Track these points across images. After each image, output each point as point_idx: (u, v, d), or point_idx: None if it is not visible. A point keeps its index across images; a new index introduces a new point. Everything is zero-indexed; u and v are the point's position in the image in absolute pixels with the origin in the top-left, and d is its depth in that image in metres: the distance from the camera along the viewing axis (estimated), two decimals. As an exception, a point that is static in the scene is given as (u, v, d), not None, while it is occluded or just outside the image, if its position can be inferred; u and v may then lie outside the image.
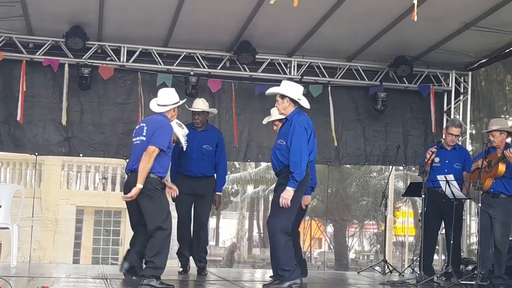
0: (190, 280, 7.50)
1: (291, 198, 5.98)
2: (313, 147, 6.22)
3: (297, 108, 6.24)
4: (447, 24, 8.53)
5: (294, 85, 6.36)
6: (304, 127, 6.10)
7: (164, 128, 6.14)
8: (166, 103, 6.32)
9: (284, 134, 6.20)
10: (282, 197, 5.98)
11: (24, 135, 9.21)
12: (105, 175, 22.28)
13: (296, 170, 5.99)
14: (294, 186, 5.98)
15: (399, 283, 7.54)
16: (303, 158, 6.02)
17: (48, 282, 6.56)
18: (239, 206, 33.72)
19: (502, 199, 7.29)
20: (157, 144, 6.04)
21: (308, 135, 6.12)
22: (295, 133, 6.05)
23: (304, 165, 6.03)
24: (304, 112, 6.28)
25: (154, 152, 6.00)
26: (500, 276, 7.27)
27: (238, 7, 8.13)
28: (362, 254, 34.99)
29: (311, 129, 6.18)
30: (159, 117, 6.31)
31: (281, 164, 6.19)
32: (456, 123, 8.16)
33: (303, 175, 6.02)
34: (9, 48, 9.00)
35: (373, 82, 9.93)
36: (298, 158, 6.00)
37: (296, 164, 6.00)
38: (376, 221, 30.08)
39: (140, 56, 9.33)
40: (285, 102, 6.22)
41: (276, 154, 6.24)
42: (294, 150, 6.02)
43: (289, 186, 5.98)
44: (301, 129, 6.07)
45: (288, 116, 6.23)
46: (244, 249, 33.50)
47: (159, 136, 6.07)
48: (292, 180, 5.98)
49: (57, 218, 21.02)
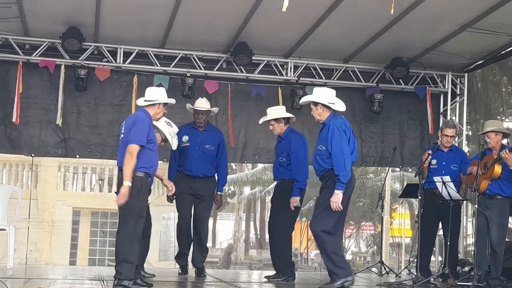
0: (187, 281, 7.50)
1: (341, 201, 6.07)
2: (354, 147, 6.30)
3: (333, 112, 6.33)
4: (443, 26, 8.55)
5: (325, 90, 6.47)
6: (343, 129, 6.20)
7: (138, 124, 6.10)
8: (151, 98, 6.32)
9: (323, 139, 6.28)
10: (333, 201, 6.06)
11: (21, 136, 9.20)
12: (102, 177, 22.25)
13: (341, 172, 6.08)
14: (342, 188, 6.08)
15: (396, 284, 7.53)
16: (346, 159, 6.12)
17: (44, 283, 6.56)
18: (236, 208, 33.70)
19: (498, 200, 7.30)
20: (134, 141, 6.01)
21: (347, 137, 6.21)
22: (335, 136, 6.15)
23: (348, 166, 6.13)
24: (340, 115, 6.37)
25: (134, 150, 5.98)
26: (496, 277, 7.27)
27: (234, 8, 8.14)
28: (358, 255, 34.97)
29: (349, 131, 6.28)
30: (137, 112, 6.34)
31: (323, 169, 6.29)
32: (450, 124, 8.18)
33: (348, 176, 6.12)
34: (5, 49, 9.00)
35: (369, 83, 9.95)
36: (341, 161, 6.09)
37: (340, 167, 6.08)
38: (373, 222, 30.09)
39: (137, 57, 9.33)
40: (319, 109, 6.33)
41: (317, 160, 6.33)
42: (336, 153, 6.11)
43: (336, 189, 6.08)
44: (339, 132, 6.16)
45: (325, 121, 6.32)
46: (241, 250, 33.48)
47: (134, 133, 6.04)
48: (339, 183, 6.07)
49: (53, 219, 20.97)
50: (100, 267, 10.36)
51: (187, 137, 7.71)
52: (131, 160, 5.96)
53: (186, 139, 7.71)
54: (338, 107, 6.36)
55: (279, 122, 7.44)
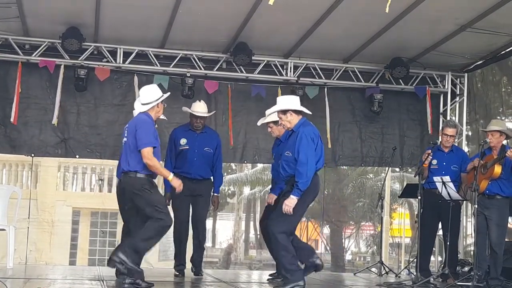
0: (186, 281, 7.49)
1: (293, 206, 6.11)
2: (321, 155, 6.31)
3: (302, 118, 6.35)
4: (443, 26, 8.55)
5: (291, 97, 6.54)
6: (311, 137, 6.21)
7: (142, 128, 6.14)
8: (148, 101, 6.31)
9: (290, 146, 6.31)
10: (285, 204, 6.13)
11: (20, 136, 9.20)
12: (102, 177, 22.24)
13: (300, 180, 6.12)
14: (297, 195, 6.12)
15: (396, 284, 7.54)
16: (310, 168, 6.15)
17: (44, 283, 6.56)
18: (235, 208, 33.71)
19: (498, 200, 7.31)
20: (146, 144, 6.08)
21: (315, 144, 6.23)
22: (302, 144, 6.17)
23: (310, 175, 6.15)
24: (309, 122, 6.39)
25: (149, 153, 6.07)
26: (496, 277, 7.28)
27: (234, 8, 8.13)
28: (358, 255, 34.99)
29: (317, 138, 6.29)
30: (138, 116, 6.33)
31: (288, 175, 6.33)
32: (450, 123, 8.20)
33: (307, 184, 6.14)
34: (5, 49, 9.00)
35: (369, 83, 9.94)
36: (304, 168, 6.13)
37: (301, 174, 6.12)
38: (373, 222, 30.08)
39: (137, 57, 9.32)
40: (289, 116, 6.34)
41: (283, 165, 6.38)
42: (301, 161, 6.14)
43: (293, 194, 6.13)
44: (307, 140, 6.18)
45: (294, 127, 6.34)
46: (241, 250, 33.49)
47: (142, 137, 6.10)
48: (296, 189, 6.12)
49: (53, 219, 20.96)
50: (100, 267, 10.36)
51: (185, 140, 7.71)
52: (152, 163, 6.08)
53: (185, 142, 7.71)
54: (306, 109, 6.42)
55: (277, 125, 7.43)
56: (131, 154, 6.15)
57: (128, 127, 6.28)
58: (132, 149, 6.15)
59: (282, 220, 6.23)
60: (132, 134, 6.16)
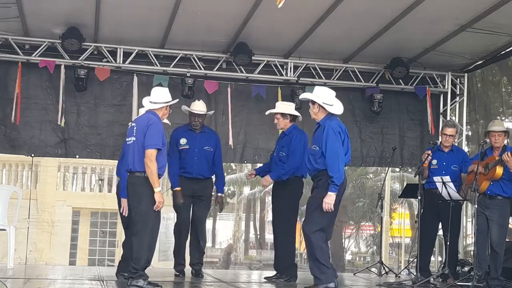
0: (186, 281, 7.49)
1: (333, 202, 6.04)
2: (348, 149, 6.26)
3: (329, 113, 6.28)
4: (443, 26, 8.54)
5: (325, 90, 6.39)
6: (338, 131, 6.15)
7: (153, 127, 6.12)
8: (157, 101, 6.32)
9: (317, 140, 6.25)
10: (325, 202, 6.03)
11: (20, 137, 9.19)
12: (102, 177, 22.24)
13: (335, 174, 6.03)
14: (335, 190, 6.04)
15: (396, 284, 7.54)
16: (340, 162, 6.08)
17: (44, 283, 6.56)
18: (235, 208, 33.73)
19: (499, 200, 7.30)
20: (151, 145, 6.06)
21: (342, 139, 6.17)
22: (329, 137, 6.10)
23: (342, 168, 6.09)
24: (335, 117, 6.30)
25: (152, 155, 6.04)
26: (496, 278, 7.27)
27: (234, 8, 8.13)
28: (358, 255, 34.97)
29: (344, 133, 6.23)
30: (148, 115, 6.31)
31: (315, 169, 6.24)
32: (450, 123, 8.20)
33: (342, 178, 6.08)
34: (5, 49, 9.00)
35: (369, 83, 9.94)
36: (335, 163, 6.05)
37: (334, 169, 6.04)
38: (373, 222, 30.08)
39: (137, 57, 9.33)
40: (315, 108, 6.28)
41: (310, 160, 6.30)
42: (330, 155, 6.07)
43: (330, 190, 6.04)
44: (334, 133, 6.12)
45: (320, 121, 6.28)
46: (241, 250, 33.51)
47: (151, 137, 6.08)
48: (333, 185, 6.03)
49: (53, 219, 20.96)
50: (99, 267, 10.37)
51: (185, 140, 7.72)
52: (153, 165, 6.02)
53: (185, 141, 7.71)
54: (335, 109, 6.28)
55: (284, 118, 7.44)
56: (140, 154, 6.10)
57: (137, 126, 6.22)
58: (141, 148, 6.10)
59: (312, 220, 6.17)
60: (142, 133, 6.11)
